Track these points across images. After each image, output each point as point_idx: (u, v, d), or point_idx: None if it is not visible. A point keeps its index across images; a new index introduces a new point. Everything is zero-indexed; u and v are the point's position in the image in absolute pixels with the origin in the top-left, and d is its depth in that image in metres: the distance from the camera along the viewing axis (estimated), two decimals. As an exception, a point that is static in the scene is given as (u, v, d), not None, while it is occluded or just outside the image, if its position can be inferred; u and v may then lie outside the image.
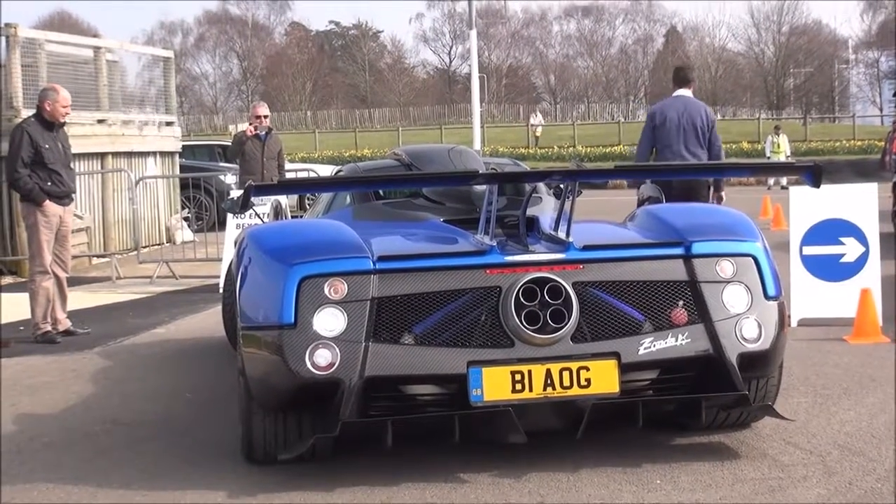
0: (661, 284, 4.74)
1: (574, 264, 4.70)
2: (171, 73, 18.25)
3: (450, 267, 4.65)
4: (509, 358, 4.50)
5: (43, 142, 8.81)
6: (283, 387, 4.50)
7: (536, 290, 4.55)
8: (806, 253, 8.40)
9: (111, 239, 15.75)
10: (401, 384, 4.54)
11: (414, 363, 4.47)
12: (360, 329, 4.46)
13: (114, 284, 13.01)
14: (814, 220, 8.40)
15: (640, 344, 4.61)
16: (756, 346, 4.70)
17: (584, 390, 4.52)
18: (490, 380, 4.47)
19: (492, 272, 4.63)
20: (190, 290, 12.28)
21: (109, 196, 15.85)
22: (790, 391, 6.23)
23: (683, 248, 4.82)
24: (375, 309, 4.51)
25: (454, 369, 4.47)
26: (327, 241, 4.77)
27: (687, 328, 4.68)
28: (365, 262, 4.58)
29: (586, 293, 4.67)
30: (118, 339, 9.01)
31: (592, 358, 4.55)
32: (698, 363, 4.69)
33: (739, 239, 4.91)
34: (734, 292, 4.76)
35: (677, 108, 9.06)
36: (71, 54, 15.99)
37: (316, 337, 4.44)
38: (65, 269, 9.14)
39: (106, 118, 15.97)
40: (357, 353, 4.43)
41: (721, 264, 4.80)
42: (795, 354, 7.30)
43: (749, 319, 4.72)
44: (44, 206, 8.86)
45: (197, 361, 7.87)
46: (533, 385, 4.49)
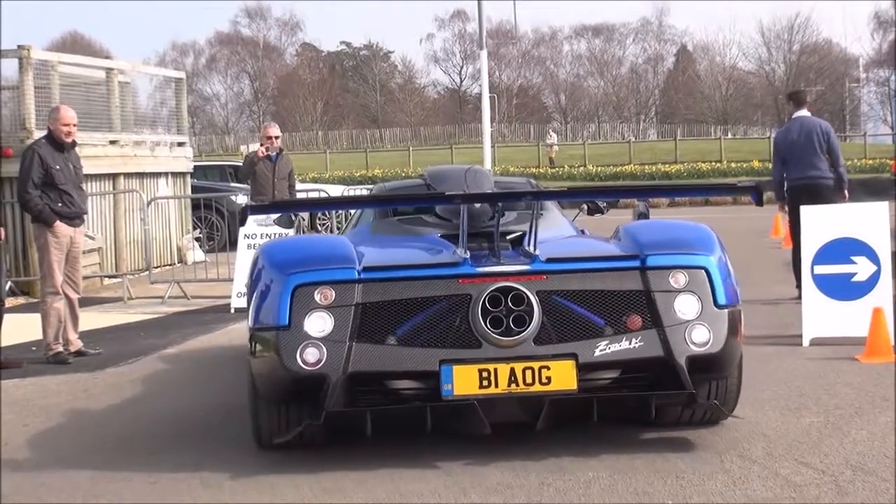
0: (618, 293, 5.25)
1: (538, 275, 5.25)
2: (182, 93, 18.31)
3: (426, 277, 5.26)
4: (477, 357, 5.08)
5: (53, 162, 8.84)
6: (279, 380, 5.14)
7: (501, 297, 5.12)
8: (817, 272, 8.39)
9: (123, 259, 15.78)
10: (382, 380, 5.13)
11: (392, 361, 5.08)
12: (345, 330, 5.08)
13: (125, 305, 13.05)
14: (825, 238, 8.40)
15: (597, 346, 5.14)
16: (705, 350, 5.18)
17: (545, 387, 5.06)
18: (460, 376, 5.05)
19: (464, 281, 5.23)
20: (201, 311, 12.30)
21: (121, 216, 15.90)
22: (802, 411, 6.23)
23: (640, 260, 5.32)
24: (360, 313, 5.13)
25: (428, 367, 5.06)
26: (321, 255, 5.40)
27: (641, 333, 5.19)
28: (350, 272, 5.21)
29: (550, 300, 5.21)
30: (130, 359, 9.01)
31: (552, 358, 5.10)
32: (651, 364, 5.18)
33: (693, 253, 5.37)
34: (685, 301, 5.24)
35: (796, 128, 10.79)
36: (83, 76, 16.07)
37: (306, 337, 5.06)
38: (76, 289, 9.15)
39: (118, 139, 16.03)
40: (341, 352, 5.04)
41: (675, 275, 5.28)
42: (807, 374, 7.33)
43: (699, 325, 5.21)
44: (54, 226, 8.89)
45: (208, 381, 7.87)
46: (498, 382, 5.06)
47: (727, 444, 5.51)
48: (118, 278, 14.63)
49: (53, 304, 8.96)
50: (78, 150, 9.30)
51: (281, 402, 5.35)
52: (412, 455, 5.42)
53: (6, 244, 12.96)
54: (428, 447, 5.49)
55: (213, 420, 6.54)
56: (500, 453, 5.36)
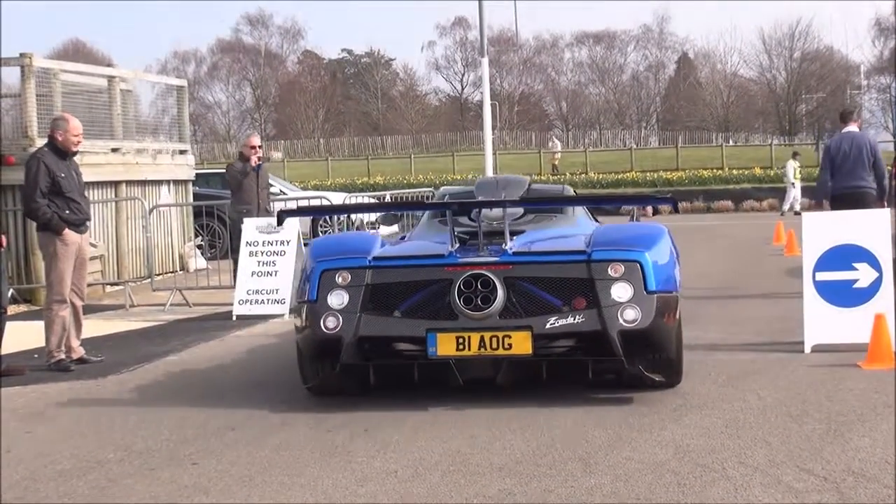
0: (569, 280, 6.76)
1: (505, 265, 6.83)
2: (184, 101, 18.35)
3: (420, 265, 6.94)
4: (455, 327, 6.68)
5: (59, 171, 8.87)
6: (310, 340, 6.93)
7: (473, 281, 6.73)
8: (819, 279, 8.39)
9: (125, 267, 15.81)
10: (383, 342, 6.80)
11: (391, 328, 6.78)
12: (357, 304, 6.81)
13: (127, 312, 13.07)
14: (826, 245, 8.40)
15: (548, 321, 6.66)
16: (634, 326, 6.60)
17: (507, 351, 6.66)
18: (441, 341, 6.67)
19: (448, 269, 6.84)
20: (203, 318, 12.31)
21: (123, 224, 15.93)
22: (804, 417, 6.25)
23: (587, 255, 6.82)
24: (368, 291, 6.84)
25: (417, 333, 6.72)
26: (345, 248, 7.24)
27: (584, 311, 6.67)
28: (363, 261, 6.95)
29: (515, 285, 6.78)
30: (131, 366, 9.02)
31: (513, 329, 6.65)
32: (591, 336, 6.65)
33: (630, 249, 6.81)
34: (620, 287, 6.66)
35: (848, 141, 11.82)
36: (85, 83, 16.10)
37: (328, 308, 6.83)
38: (81, 296, 9.18)
39: (120, 147, 16.06)
40: (353, 320, 6.78)
41: (613, 267, 6.72)
42: (809, 381, 7.34)
43: (630, 307, 6.61)
44: (64, 234, 8.92)
45: (210, 389, 7.88)
46: (471, 346, 6.66)
47: (729, 452, 5.53)
48: (120, 286, 14.65)
49: (59, 312, 8.98)
50: (79, 157, 9.34)
51: (312, 356, 7.06)
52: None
53: (8, 251, 12.99)
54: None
55: (211, 427, 6.56)
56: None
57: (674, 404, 6.74)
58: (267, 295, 12.02)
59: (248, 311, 11.97)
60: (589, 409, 6.65)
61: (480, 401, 6.93)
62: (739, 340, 9.24)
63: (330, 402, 7.11)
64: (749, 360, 8.25)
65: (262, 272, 12.14)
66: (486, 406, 6.80)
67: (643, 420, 6.33)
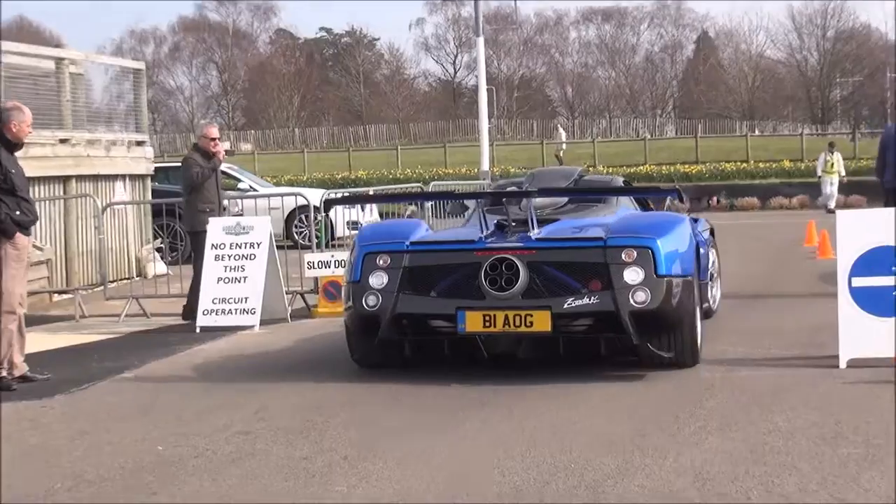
0: (587, 264, 8.29)
1: (529, 250, 8.42)
2: (142, 86, 18.36)
3: (452, 250, 8.65)
4: (482, 306, 8.25)
5: (10, 166, 8.83)
6: (354, 317, 8.65)
7: (498, 265, 8.29)
8: (855, 285, 8.39)
9: (74, 273, 15.79)
10: (418, 319, 8.47)
11: (425, 306, 8.42)
12: (395, 284, 8.44)
13: (77, 324, 13.04)
14: (864, 247, 8.41)
15: (566, 301, 8.19)
16: (644, 307, 8.08)
17: (529, 329, 8.20)
18: (470, 319, 8.25)
19: (478, 253, 8.44)
20: (163, 330, 12.29)
21: (73, 224, 15.90)
22: (838, 440, 6.26)
23: (603, 242, 8.36)
24: (406, 273, 8.48)
25: (448, 311, 8.32)
26: (386, 233, 9.08)
27: (599, 293, 8.17)
28: (402, 245, 8.65)
29: (538, 268, 8.30)
30: (82, 385, 8.97)
31: (534, 309, 8.18)
32: (604, 316, 8.16)
33: (643, 237, 8.34)
34: (632, 271, 8.14)
35: None
36: (30, 66, 16.08)
37: (369, 288, 8.48)
38: (22, 305, 9.11)
39: (69, 137, 16.06)
40: (391, 299, 8.42)
41: (627, 252, 8.19)
42: (844, 400, 7.36)
43: (641, 289, 8.10)
44: (15, 238, 8.89)
45: (170, 410, 7.85)
46: (496, 323, 8.21)
47: (755, 480, 5.54)
48: (69, 294, 14.65)
49: (8, 325, 8.93)
50: (23, 150, 9.29)
51: (356, 331, 8.76)
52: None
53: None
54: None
55: (171, 454, 6.53)
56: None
57: (692, 426, 6.74)
58: (235, 304, 12.01)
59: (214, 322, 11.96)
60: (598, 434, 6.66)
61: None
62: (766, 355, 9.27)
63: (293, 427, 7.10)
64: (777, 377, 8.27)
65: (229, 278, 12.14)
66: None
67: (657, 443, 6.33)
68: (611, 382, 8.31)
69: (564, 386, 8.15)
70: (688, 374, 8.48)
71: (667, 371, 8.57)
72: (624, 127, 76.22)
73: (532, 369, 8.80)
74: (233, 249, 12.26)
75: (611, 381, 8.37)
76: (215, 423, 7.33)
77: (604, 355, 8.64)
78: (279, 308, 12.48)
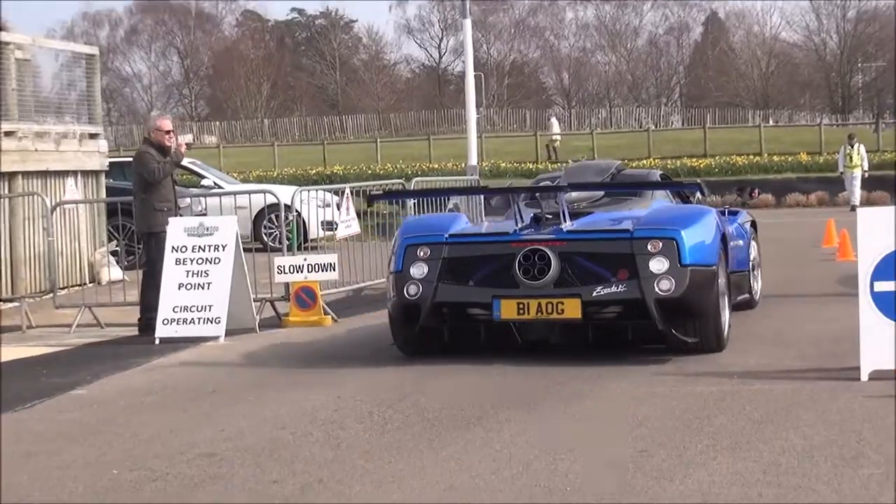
0: (615, 255, 9.69)
1: (560, 241, 9.81)
2: (95, 73, 18.31)
3: (488, 242, 10.14)
4: (516, 294, 9.66)
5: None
6: (396, 305, 10.07)
7: (531, 255, 9.67)
8: (878, 289, 8.41)
9: (21, 279, 15.71)
10: (458, 307, 9.92)
11: (463, 295, 9.86)
12: (434, 274, 9.86)
13: (24, 335, 13.02)
14: (887, 248, 8.43)
15: (595, 290, 9.57)
16: (668, 295, 9.43)
17: (560, 315, 9.62)
18: (505, 306, 9.67)
19: (513, 245, 9.87)
20: (118, 342, 12.28)
21: (19, 226, 15.83)
22: (859, 459, 6.27)
23: (630, 233, 9.76)
24: (445, 264, 9.90)
25: (484, 299, 9.75)
26: (427, 226, 10.60)
27: (626, 282, 9.55)
28: (441, 237, 10.06)
29: (569, 258, 9.70)
30: (29, 403, 8.93)
31: (565, 297, 9.60)
32: (631, 303, 9.55)
33: (667, 228, 9.73)
34: (658, 261, 9.49)
35: None
36: (-29, 52, 16.02)
37: (410, 278, 9.89)
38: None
39: (15, 130, 16.00)
40: (431, 288, 9.83)
41: (653, 243, 9.57)
42: (865, 415, 7.38)
43: (665, 278, 9.45)
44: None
45: (125, 430, 7.82)
46: (529, 310, 9.62)
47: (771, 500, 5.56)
48: (15, 303, 14.59)
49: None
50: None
51: (398, 319, 10.22)
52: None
53: None
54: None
55: (127, 478, 6.50)
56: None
57: (700, 445, 6.77)
58: (198, 313, 12.00)
59: (175, 332, 11.94)
60: (597, 453, 6.69)
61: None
62: (781, 366, 9.31)
63: (262, 447, 7.10)
64: (792, 391, 8.29)
65: (191, 284, 12.12)
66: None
67: (662, 464, 6.34)
68: (614, 396, 8.36)
69: (562, 399, 8.19)
70: (696, 387, 8.52)
71: (674, 383, 8.66)
72: (625, 117, 76.39)
73: (528, 382, 8.92)
74: (195, 252, 12.24)
75: (613, 393, 8.43)
76: (176, 444, 7.30)
77: (627, 346, 10.07)
78: (247, 317, 12.48)
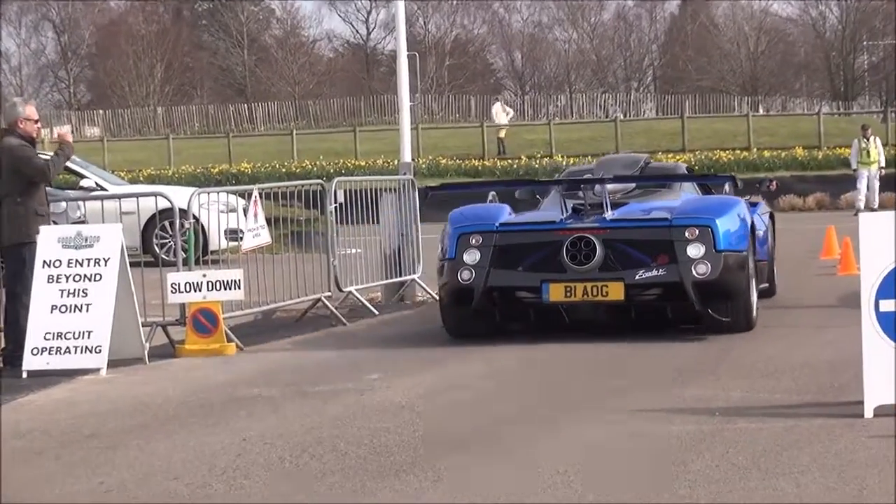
0: (655, 241, 12.60)
1: (604, 229, 12.64)
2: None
3: (537, 230, 13.08)
4: (563, 278, 12.51)
5: None
6: (449, 290, 13.05)
7: (578, 242, 12.49)
8: (883, 309, 8.47)
9: None
10: (508, 291, 12.85)
11: (513, 279, 12.81)
12: (486, 261, 12.69)
13: None
14: (893, 262, 8.49)
15: (637, 273, 12.43)
16: (705, 278, 12.23)
17: (605, 298, 12.50)
18: (552, 290, 12.54)
19: (560, 233, 12.74)
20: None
21: None
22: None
23: (668, 222, 12.66)
24: (496, 251, 12.75)
25: (534, 283, 12.66)
26: (477, 216, 13.39)
27: (666, 266, 12.40)
28: (492, 226, 12.95)
29: (612, 245, 12.53)
30: None
31: (609, 280, 12.45)
32: (671, 286, 12.45)
33: (703, 216, 12.65)
34: (695, 247, 12.31)
35: None
36: None
37: (463, 264, 12.73)
38: None
39: None
40: (483, 273, 12.66)
41: (690, 230, 12.39)
42: (870, 459, 7.46)
43: (702, 262, 12.25)
44: None
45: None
46: (576, 293, 12.48)
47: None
48: None
49: None
50: None
51: (450, 303, 13.14)
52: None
53: None
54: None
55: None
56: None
57: (673, 495, 6.82)
58: (74, 340, 11.90)
59: (46, 364, 11.89)
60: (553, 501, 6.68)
61: None
62: (771, 401, 9.40)
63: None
64: (784, 430, 8.35)
65: (67, 306, 12.05)
66: None
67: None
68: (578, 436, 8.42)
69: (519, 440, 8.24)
70: (671, 426, 8.58)
71: (647, 420, 8.78)
72: (589, 105, 76.56)
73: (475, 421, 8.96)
74: (72, 268, 12.15)
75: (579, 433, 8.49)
76: (47, 498, 7.27)
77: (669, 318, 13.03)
78: (133, 345, 12.42)
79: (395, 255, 17.80)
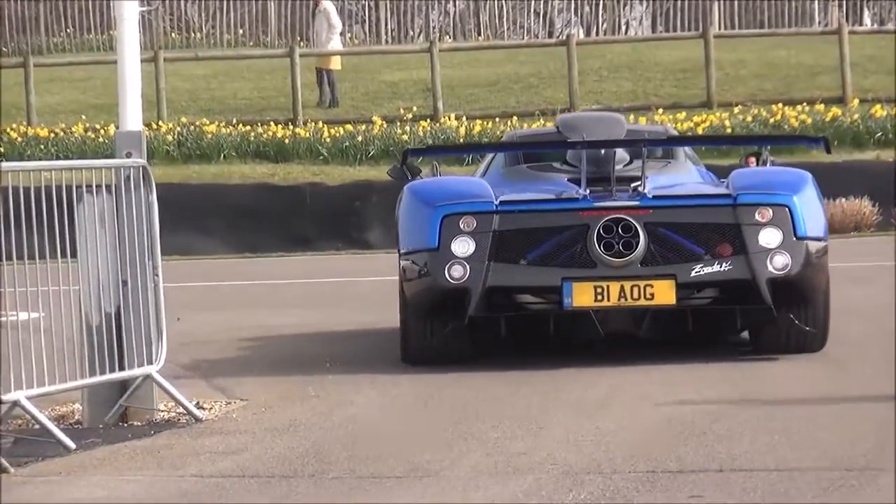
0: (713, 225, 15.36)
1: (645, 209, 15.33)
2: None
3: (553, 210, 15.87)
4: (592, 276, 15.26)
5: None
6: (430, 293, 15.68)
7: (613, 226, 15.11)
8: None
9: None
10: (514, 293, 15.83)
11: (522, 277, 15.77)
12: (484, 252, 15.44)
13: None
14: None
15: (693, 269, 15.09)
16: (783, 273, 14.88)
17: (649, 302, 15.17)
18: (578, 291, 15.26)
19: (584, 214, 15.45)
20: None
21: None
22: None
23: (732, 199, 15.37)
24: (497, 238, 15.51)
25: (551, 283, 15.49)
26: (464, 191, 16.49)
27: (731, 258, 15.12)
28: (490, 205, 15.65)
29: (655, 231, 15.24)
30: None
31: (655, 278, 15.16)
32: (739, 285, 15.26)
33: (778, 193, 15.17)
34: (769, 232, 14.94)
35: None
36: None
37: (452, 257, 15.43)
38: None
39: None
40: (481, 270, 15.37)
41: (761, 211, 15.07)
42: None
43: (780, 253, 14.86)
44: None
45: None
46: (610, 296, 15.19)
47: None
48: None
49: None
50: None
51: (429, 311, 15.26)
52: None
53: None
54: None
55: None
56: None
57: None
58: None
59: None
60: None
61: None
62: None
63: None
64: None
65: None
66: None
67: None
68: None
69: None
70: None
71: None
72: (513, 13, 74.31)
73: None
74: None
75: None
76: None
77: None
78: None
79: (108, 325, 14.29)
